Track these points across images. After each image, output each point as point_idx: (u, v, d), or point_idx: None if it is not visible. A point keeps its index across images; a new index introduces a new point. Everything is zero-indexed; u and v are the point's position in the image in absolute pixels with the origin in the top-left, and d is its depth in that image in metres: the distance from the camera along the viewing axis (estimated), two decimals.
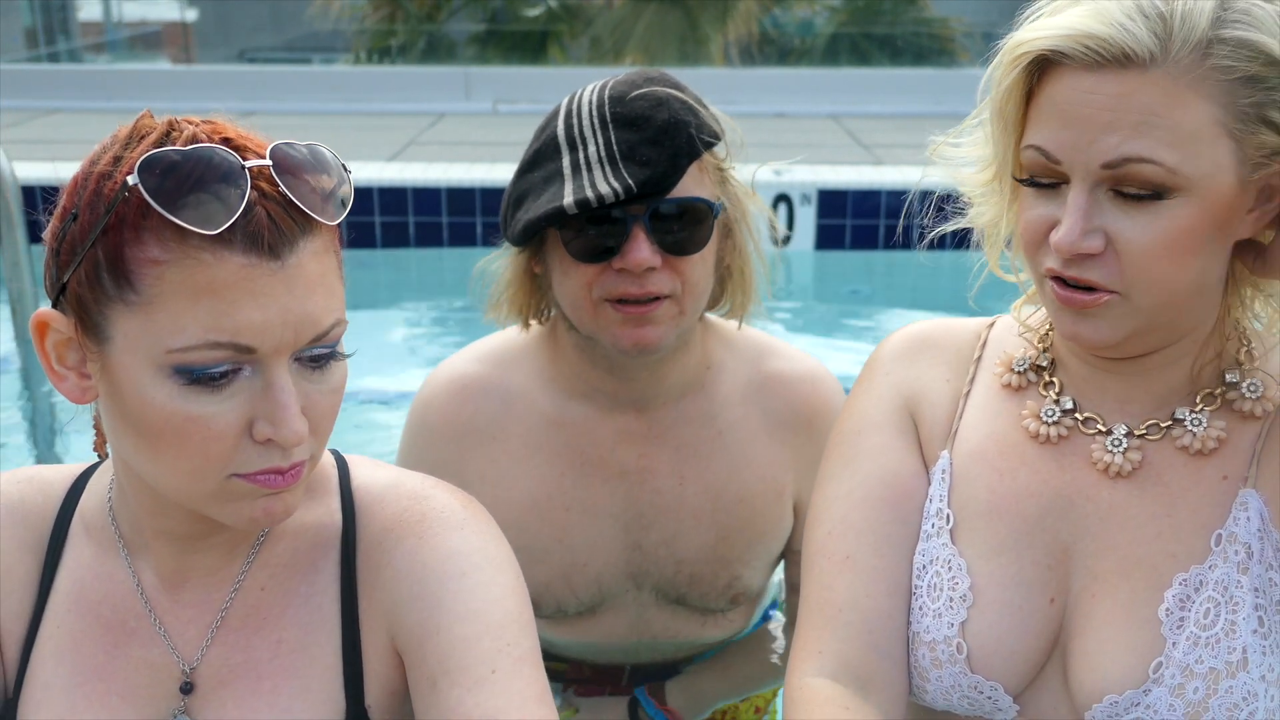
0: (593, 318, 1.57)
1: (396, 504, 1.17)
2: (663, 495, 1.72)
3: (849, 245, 5.20)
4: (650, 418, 1.72)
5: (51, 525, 1.18)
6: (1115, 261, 1.10)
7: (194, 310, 0.96)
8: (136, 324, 0.98)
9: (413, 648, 1.11)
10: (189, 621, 1.14)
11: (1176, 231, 1.07)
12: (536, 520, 1.72)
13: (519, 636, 1.10)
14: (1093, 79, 1.07)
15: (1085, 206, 1.09)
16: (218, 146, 0.98)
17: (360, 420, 3.69)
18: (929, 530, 1.28)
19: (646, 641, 1.83)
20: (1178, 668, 1.14)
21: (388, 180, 5.18)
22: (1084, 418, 1.24)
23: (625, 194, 1.48)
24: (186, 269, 0.95)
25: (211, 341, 0.96)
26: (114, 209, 0.96)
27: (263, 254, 0.96)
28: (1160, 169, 1.05)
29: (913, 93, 8.05)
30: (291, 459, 1.02)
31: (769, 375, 1.75)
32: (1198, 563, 1.16)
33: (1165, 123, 1.05)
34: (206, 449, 0.99)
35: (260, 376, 0.99)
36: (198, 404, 0.98)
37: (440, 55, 12.23)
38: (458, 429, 1.73)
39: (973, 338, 1.35)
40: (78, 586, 1.16)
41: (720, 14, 12.04)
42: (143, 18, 14.42)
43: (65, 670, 1.13)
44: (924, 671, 1.24)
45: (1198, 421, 1.19)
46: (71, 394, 1.04)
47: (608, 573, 1.76)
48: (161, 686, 1.14)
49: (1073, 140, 1.09)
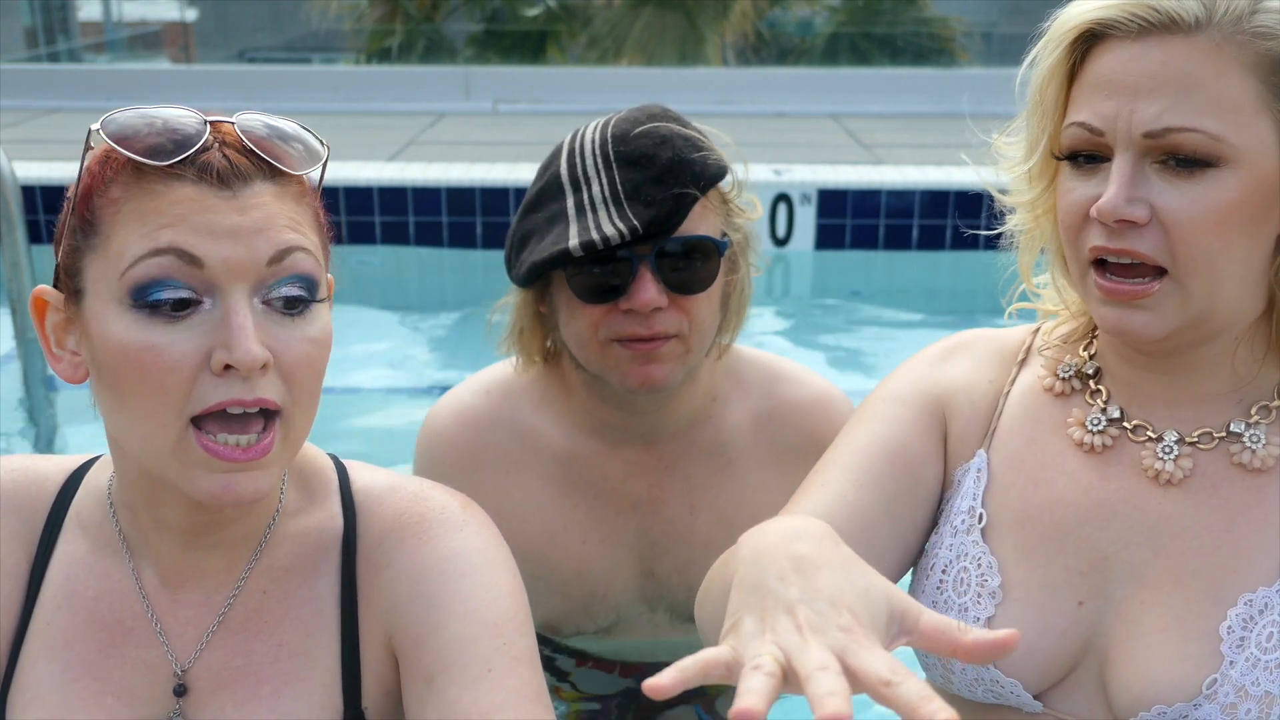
0: (600, 357, 1.57)
1: (396, 505, 1.17)
2: (674, 525, 1.74)
3: (849, 245, 5.20)
4: (659, 450, 1.73)
5: (45, 517, 1.17)
6: (1161, 235, 1.08)
7: (141, 228, 0.98)
8: (99, 264, 1.00)
9: (409, 646, 1.11)
10: (187, 623, 1.14)
11: (1224, 204, 1.06)
12: (556, 553, 1.74)
13: (516, 636, 1.10)
14: (1138, 47, 1.07)
15: (1130, 174, 1.08)
16: (184, 108, 1.03)
17: (360, 419, 3.69)
18: (957, 525, 1.26)
19: (663, 647, 1.85)
20: (1233, 687, 1.12)
21: (388, 180, 5.18)
22: (1133, 425, 1.21)
23: (631, 235, 1.48)
24: (138, 200, 0.98)
25: (154, 249, 0.97)
26: (84, 166, 1.01)
27: (213, 183, 0.99)
28: (1204, 137, 1.04)
29: (913, 93, 8.04)
30: (255, 392, 1.00)
31: (778, 403, 1.76)
32: (1266, 584, 1.14)
33: (1209, 91, 1.04)
34: (164, 381, 0.98)
35: (219, 308, 0.99)
36: (154, 333, 0.98)
37: (440, 55, 12.22)
38: (470, 462, 1.74)
39: (1016, 342, 1.34)
40: (70, 582, 1.15)
41: (719, 14, 12.04)
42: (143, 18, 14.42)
43: (57, 667, 1.12)
44: (948, 664, 1.24)
45: (1256, 438, 1.16)
46: (65, 373, 1.06)
47: (625, 600, 1.78)
48: (158, 688, 1.13)
49: (1115, 109, 1.08)
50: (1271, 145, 1.06)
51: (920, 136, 6.75)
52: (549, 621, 1.82)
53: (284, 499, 1.17)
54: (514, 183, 5.16)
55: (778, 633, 0.81)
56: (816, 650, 0.78)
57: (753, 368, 1.79)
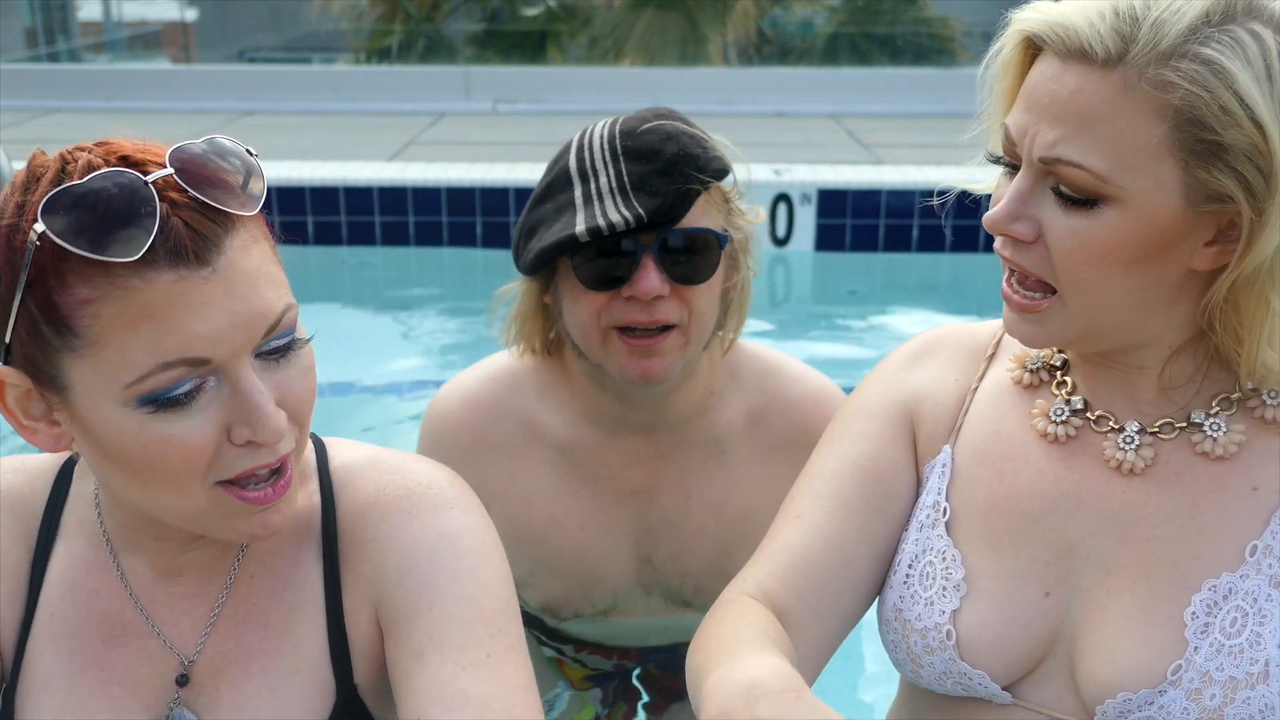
0: (601, 346, 1.62)
1: (378, 480, 1.18)
2: (669, 513, 1.80)
3: (849, 245, 5.20)
4: (656, 441, 1.79)
5: (41, 514, 1.19)
6: (1046, 255, 1.10)
7: (137, 339, 0.94)
8: (88, 367, 0.96)
9: (399, 621, 1.11)
10: (184, 614, 1.16)
11: (1103, 241, 1.07)
12: (557, 537, 1.80)
13: (509, 624, 1.12)
14: (1059, 68, 1.07)
15: (1024, 192, 1.10)
16: (117, 169, 0.95)
17: (359, 419, 3.69)
18: (923, 520, 1.28)
19: (656, 630, 1.90)
20: (1197, 672, 1.13)
21: (387, 180, 5.18)
22: (1096, 416, 1.23)
23: (636, 222, 1.53)
24: (118, 300, 0.94)
25: (162, 364, 0.95)
26: (30, 262, 0.94)
27: (190, 264, 0.95)
28: (1089, 176, 1.05)
29: (913, 92, 8.05)
30: (278, 453, 1.02)
31: (773, 398, 1.81)
32: (1229, 570, 1.14)
33: (1108, 129, 1.04)
34: (188, 466, 0.99)
35: (226, 384, 0.99)
36: (169, 425, 0.97)
37: (440, 55, 12.22)
38: (475, 446, 1.79)
39: (987, 337, 1.35)
40: (71, 576, 1.17)
41: (720, 14, 12.03)
42: (143, 18, 14.40)
43: (63, 659, 1.14)
44: (917, 658, 1.25)
45: (1216, 426, 1.17)
46: (47, 445, 1.04)
47: (621, 584, 1.84)
48: (161, 677, 1.15)
49: (1026, 125, 1.09)
50: (1172, 190, 1.04)
51: (920, 136, 6.75)
52: (548, 603, 1.88)
53: None
54: (514, 183, 5.16)
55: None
56: None
57: (750, 362, 1.84)
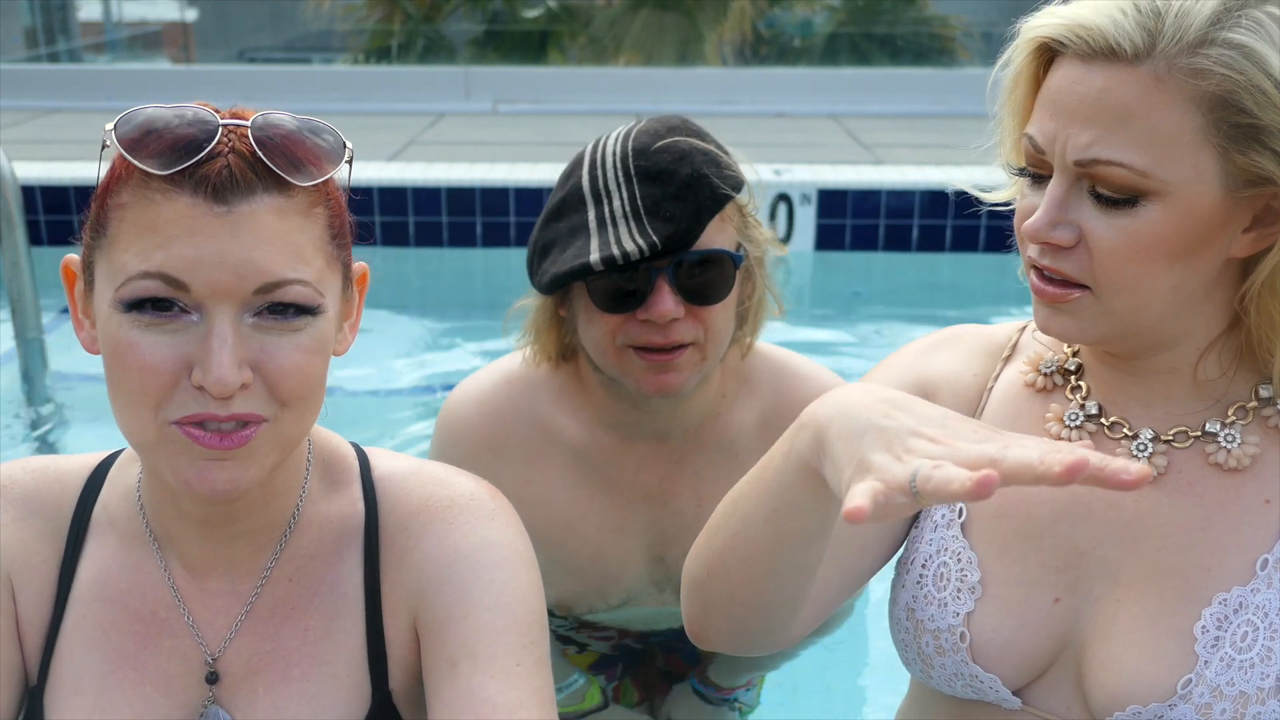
0: (617, 363, 1.63)
1: (421, 490, 1.19)
2: (683, 515, 1.82)
3: (849, 245, 5.20)
4: (670, 445, 1.81)
5: (70, 516, 1.19)
6: (1087, 257, 1.09)
7: (137, 244, 0.99)
8: (104, 265, 1.03)
9: (434, 628, 1.13)
10: (216, 612, 1.16)
11: (1149, 237, 1.06)
12: (573, 540, 1.83)
13: (539, 637, 1.13)
14: (1083, 70, 1.07)
15: (1060, 198, 1.09)
16: (200, 106, 1.02)
17: (360, 419, 3.70)
18: (938, 520, 1.28)
19: (665, 616, 1.93)
20: (1208, 687, 1.12)
21: (387, 180, 5.18)
22: (1110, 422, 1.22)
23: (650, 251, 1.54)
24: (140, 209, 1.00)
25: (142, 272, 0.99)
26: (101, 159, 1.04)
27: (209, 198, 0.98)
28: (1129, 173, 1.04)
29: (913, 92, 8.04)
30: (229, 409, 1.01)
31: (784, 400, 1.82)
32: (1240, 584, 1.13)
33: (1143, 124, 1.04)
34: (142, 381, 1.00)
35: (204, 323, 1.00)
36: (140, 335, 1.00)
37: (440, 55, 12.22)
38: (491, 449, 1.81)
39: (1004, 338, 1.35)
40: (104, 576, 1.17)
41: (718, 13, 12.03)
42: (143, 18, 14.40)
43: (95, 659, 1.15)
44: (928, 659, 1.25)
45: (1231, 438, 1.16)
46: (85, 343, 1.09)
47: (636, 583, 1.88)
48: (193, 676, 1.16)
49: (1054, 131, 1.09)
50: (1211, 178, 1.05)
51: (920, 136, 6.75)
52: (563, 601, 1.91)
53: (307, 487, 1.19)
54: (514, 183, 5.16)
55: (917, 454, 0.86)
56: (970, 447, 0.84)
57: (762, 363, 1.86)
